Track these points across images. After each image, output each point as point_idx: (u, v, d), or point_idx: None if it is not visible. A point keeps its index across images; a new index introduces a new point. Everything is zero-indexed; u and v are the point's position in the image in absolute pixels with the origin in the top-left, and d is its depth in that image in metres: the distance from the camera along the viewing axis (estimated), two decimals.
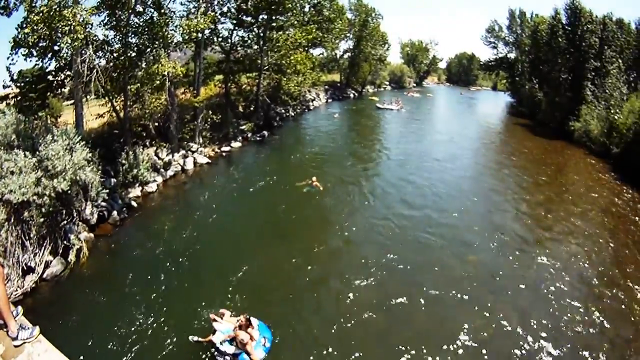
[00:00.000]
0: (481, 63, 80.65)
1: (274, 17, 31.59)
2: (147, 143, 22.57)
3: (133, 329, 10.07)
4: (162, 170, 21.70)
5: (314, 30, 34.35)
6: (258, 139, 31.25)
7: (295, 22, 34.54)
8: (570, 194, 20.35)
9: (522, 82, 52.95)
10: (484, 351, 9.44)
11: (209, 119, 26.42)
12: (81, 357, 8.85)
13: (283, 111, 40.30)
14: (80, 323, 10.23)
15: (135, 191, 19.07)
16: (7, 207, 11.95)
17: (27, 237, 12.27)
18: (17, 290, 11.24)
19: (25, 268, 11.88)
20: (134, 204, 18.11)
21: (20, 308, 4.91)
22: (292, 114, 42.61)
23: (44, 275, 12.24)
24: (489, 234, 15.55)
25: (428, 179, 21.88)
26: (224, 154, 27.05)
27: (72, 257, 13.20)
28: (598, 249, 14.78)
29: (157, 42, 19.83)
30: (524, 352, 9.50)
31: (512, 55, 61.10)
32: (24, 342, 4.43)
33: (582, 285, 12.35)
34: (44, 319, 9.45)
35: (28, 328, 4.57)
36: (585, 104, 34.29)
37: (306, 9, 42.92)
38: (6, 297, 4.54)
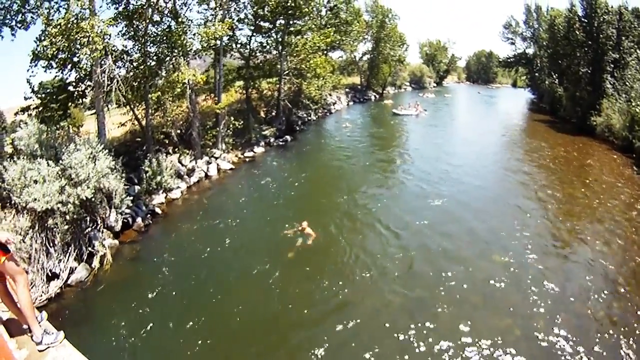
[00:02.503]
0: (500, 60, 79.16)
1: (291, 22, 31.22)
2: (170, 150, 22.41)
3: (156, 335, 9.82)
4: (185, 176, 21.48)
5: (331, 33, 33.67)
6: (281, 143, 30.78)
7: (313, 26, 34.16)
8: (594, 190, 19.15)
9: (541, 77, 51.29)
10: (508, 352, 8.89)
11: (231, 125, 26.13)
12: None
13: (305, 115, 39.64)
14: (103, 328, 10.04)
15: (159, 198, 18.90)
16: (31, 215, 12.04)
17: (51, 244, 12.25)
18: (41, 295, 11.15)
19: (49, 274, 11.83)
20: (158, 210, 17.95)
21: (44, 313, 4.88)
22: (314, 118, 41.95)
23: (69, 281, 12.16)
24: (513, 233, 14.74)
25: (448, 182, 20.93)
26: (247, 159, 26.72)
27: (96, 263, 13.15)
28: (623, 246, 13.79)
29: (176, 51, 19.72)
30: (546, 352, 8.91)
31: (530, 51, 59.44)
32: (48, 347, 4.42)
33: (607, 284, 11.47)
34: (68, 324, 9.75)
35: (52, 333, 4.57)
36: (605, 97, 32.66)
37: (323, 13, 42.53)
38: (31, 303, 4.54)
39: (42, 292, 11.31)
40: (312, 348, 9.22)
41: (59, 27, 15.87)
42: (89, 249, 13.36)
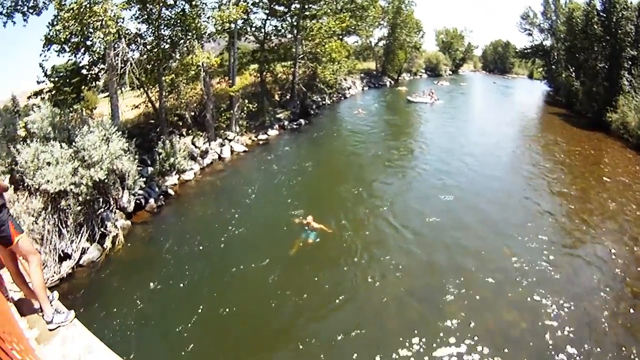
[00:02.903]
0: (516, 51, 77.70)
1: (306, 6, 30.85)
2: (184, 132, 22.40)
3: (165, 316, 9.85)
4: (199, 158, 21.45)
5: (347, 18, 33.27)
6: (295, 127, 30.59)
7: (329, 11, 33.48)
8: (607, 188, 18.64)
9: (558, 70, 49.98)
10: (514, 344, 8.79)
11: (245, 108, 25.98)
12: (114, 342, 8.52)
13: (319, 99, 39.23)
14: (114, 308, 10.06)
15: (173, 179, 18.91)
16: (44, 196, 12.14)
17: (64, 225, 12.34)
18: (53, 275, 11.21)
19: (62, 254, 11.90)
20: (171, 191, 17.98)
21: (56, 293, 4.85)
22: (329, 102, 41.50)
23: (81, 262, 12.25)
24: (525, 227, 14.42)
25: (462, 174, 20.33)
26: (261, 142, 26.61)
27: (108, 243, 13.20)
28: (633, 245, 13.42)
29: (190, 34, 19.60)
30: (550, 347, 8.79)
31: (547, 43, 57.92)
32: (59, 326, 4.41)
33: (615, 283, 11.24)
34: (79, 304, 9.85)
35: (63, 312, 4.55)
36: (622, 94, 31.59)
37: None
38: (43, 283, 4.51)
39: (54, 272, 11.38)
40: (317, 330, 9.32)
41: (71, 11, 15.80)
42: (102, 229, 13.41)
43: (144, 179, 16.35)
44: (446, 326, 9.37)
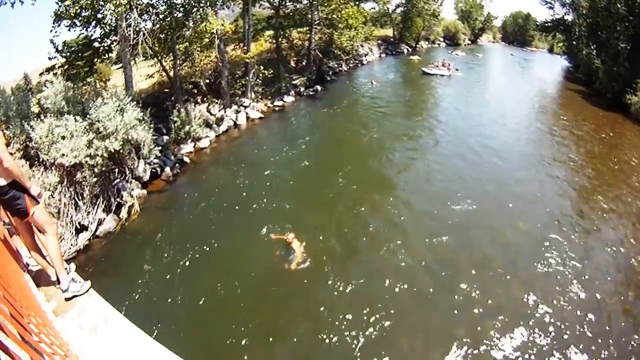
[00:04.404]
0: (537, 23, 74.29)
1: None
2: (199, 100, 22.13)
3: (180, 285, 9.86)
4: (214, 125, 21.24)
5: None
6: (311, 93, 29.94)
7: None
8: (623, 171, 17.71)
9: (579, 47, 47.22)
10: (521, 322, 8.69)
11: (261, 74, 25.48)
12: (131, 312, 8.60)
13: (336, 66, 38.22)
14: (130, 278, 10.12)
15: (188, 147, 18.81)
16: (59, 170, 12.08)
17: (80, 197, 12.39)
18: (70, 248, 11.26)
19: (78, 227, 11.92)
20: (186, 159, 17.93)
21: (73, 265, 4.73)
22: (345, 69, 40.40)
23: (97, 233, 12.30)
24: (538, 205, 14.01)
25: (478, 151, 19.39)
26: (276, 108, 26.21)
27: (124, 213, 13.29)
28: None
29: (203, 1, 19.06)
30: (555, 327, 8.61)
31: (569, 18, 55.06)
32: (75, 295, 4.39)
33: (626, 269, 10.89)
34: (96, 275, 9.95)
35: (79, 282, 4.51)
36: None
37: None
38: (59, 252, 4.50)
39: (71, 244, 11.44)
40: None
41: None
42: (118, 199, 13.46)
43: (160, 148, 16.21)
44: (457, 303, 9.33)
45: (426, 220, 12.76)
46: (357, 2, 37.97)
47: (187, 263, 10.63)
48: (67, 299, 4.36)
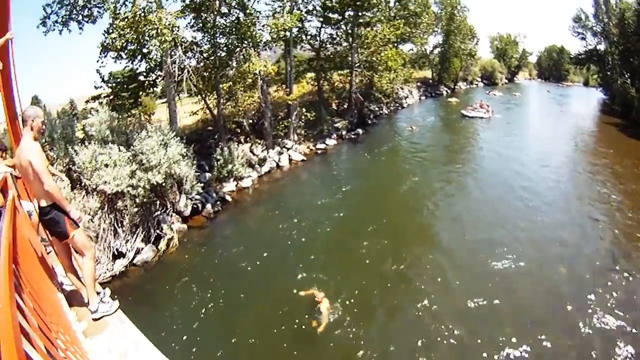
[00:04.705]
0: (571, 56, 72.30)
1: (360, 13, 29.82)
2: (242, 139, 22.05)
3: (211, 321, 9.74)
4: (257, 166, 21.00)
5: (401, 25, 31.75)
6: (352, 136, 29.37)
7: (382, 18, 32.40)
8: None
9: (613, 77, 44.90)
10: None
11: (303, 117, 25.29)
12: (160, 340, 7.78)
13: (377, 109, 37.83)
14: (163, 308, 10.18)
15: (230, 186, 18.67)
16: (100, 196, 12.33)
17: (119, 225, 12.57)
18: (106, 272, 11.49)
19: (116, 253, 12.13)
20: (228, 198, 17.73)
21: (107, 290, 4.80)
22: (386, 112, 39.88)
23: (134, 261, 12.41)
24: (581, 248, 12.84)
25: (519, 195, 17.73)
26: (318, 151, 25.71)
27: (163, 245, 13.45)
28: None
29: (246, 42, 19.22)
30: None
31: (601, 47, 52.94)
32: (103, 315, 4.42)
33: None
34: (130, 301, 10.04)
35: (108, 302, 4.56)
36: None
37: (391, 4, 40.52)
38: (94, 274, 4.55)
39: (107, 269, 11.61)
40: None
41: (126, 20, 15.84)
42: (157, 231, 13.47)
43: (202, 185, 16.20)
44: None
45: (467, 272, 11.66)
46: (396, 44, 37.93)
47: (219, 302, 10.46)
48: (95, 319, 4.39)
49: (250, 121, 23.05)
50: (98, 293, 4.57)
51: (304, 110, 25.41)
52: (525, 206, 16.34)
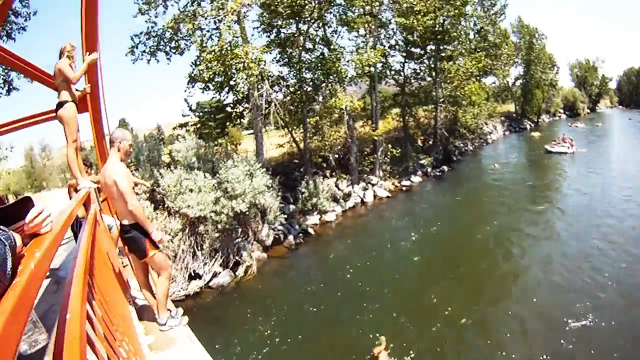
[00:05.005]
0: None
1: (441, 47, 29.21)
2: (327, 174, 21.91)
3: (281, 351, 9.46)
4: (341, 200, 20.61)
5: (482, 57, 30.36)
6: (437, 173, 28.08)
7: (463, 51, 31.66)
8: None
9: None
10: None
11: (389, 153, 24.61)
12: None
13: (461, 145, 36.14)
14: (234, 332, 10.20)
15: (313, 219, 18.48)
16: (183, 219, 12.74)
17: (199, 248, 12.97)
18: (180, 291, 11.92)
19: (192, 274, 12.55)
20: (311, 230, 17.54)
21: (180, 309, 4.75)
22: (471, 148, 38.01)
23: (210, 283, 12.77)
24: None
25: (607, 242, 14.93)
26: (403, 188, 24.72)
27: (240, 271, 13.50)
28: None
29: (331, 77, 19.38)
30: None
31: None
32: (170, 328, 4.39)
33: None
34: (201, 322, 10.07)
35: (177, 317, 4.55)
36: None
37: (471, 36, 39.04)
38: (167, 292, 4.53)
39: (182, 288, 12.11)
40: None
41: (213, 53, 16.24)
42: (236, 257, 13.72)
43: (285, 216, 16.23)
44: None
45: (548, 326, 10.11)
46: (479, 78, 36.38)
47: (287, 334, 10.17)
48: (162, 331, 4.34)
49: (337, 156, 22.93)
50: (169, 310, 4.57)
51: (389, 146, 24.82)
52: (613, 251, 14.14)
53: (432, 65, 29.72)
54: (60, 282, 4.19)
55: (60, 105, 5.19)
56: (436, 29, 26.41)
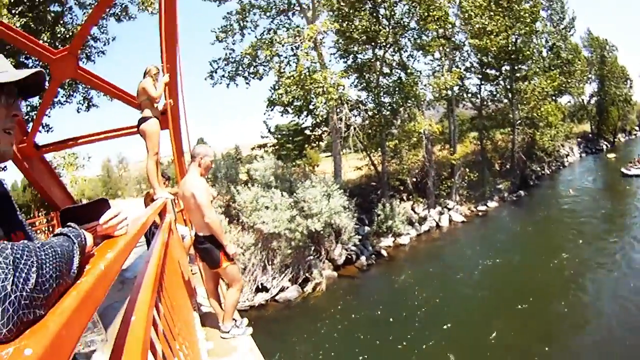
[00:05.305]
0: None
1: (516, 67, 28.45)
2: (404, 197, 21.63)
3: None
4: (416, 224, 20.34)
5: (557, 75, 29.26)
6: (514, 199, 26.84)
7: (538, 69, 30.41)
8: None
9: None
10: None
11: (466, 177, 24.05)
12: None
13: (538, 169, 34.32)
14: (296, 347, 10.24)
15: (387, 241, 18.40)
16: (257, 234, 13.18)
17: (270, 262, 13.33)
18: (245, 301, 12.25)
19: (260, 287, 12.93)
20: (383, 253, 17.57)
21: (245, 320, 4.65)
22: (548, 172, 35.85)
23: (276, 297, 13.07)
24: None
25: None
26: (479, 213, 23.88)
27: (309, 288, 13.95)
28: None
29: (409, 101, 19.40)
30: None
31: None
32: (233, 336, 4.34)
33: None
34: (263, 333, 9.79)
35: (242, 327, 4.48)
36: None
37: (544, 54, 37.37)
38: (236, 302, 4.51)
39: (247, 299, 12.50)
40: None
41: (292, 78, 16.72)
42: (306, 274, 13.95)
43: (359, 237, 16.39)
44: None
45: None
46: (554, 97, 34.51)
47: (347, 354, 10.10)
48: (223, 338, 4.32)
49: (414, 179, 22.74)
50: (235, 320, 4.51)
51: (467, 170, 24.27)
52: None
53: (508, 87, 28.94)
54: (125, 282, 4.59)
55: (143, 120, 5.44)
56: (509, 48, 25.83)
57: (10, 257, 0.67)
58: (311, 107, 18.68)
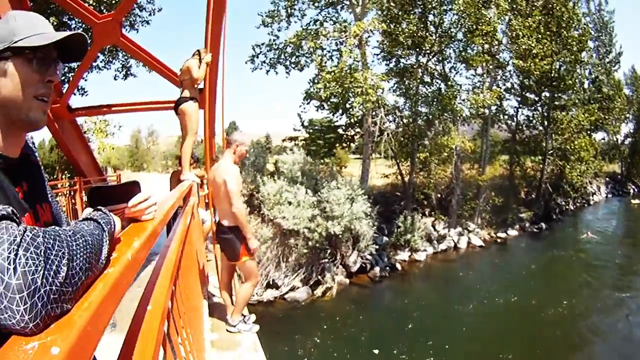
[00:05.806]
0: None
1: (556, 95, 27.62)
2: (427, 212, 21.24)
3: None
4: (434, 241, 19.84)
5: (595, 110, 28.82)
6: (535, 230, 25.84)
7: (577, 101, 29.68)
8: None
9: None
10: None
11: (491, 200, 23.44)
12: None
13: (563, 203, 33.17)
14: (299, 348, 10.24)
15: (403, 255, 18.07)
16: (276, 228, 13.11)
17: (284, 259, 13.20)
18: (254, 296, 11.87)
19: (270, 283, 12.89)
20: (398, 266, 17.27)
21: (253, 316, 4.68)
22: (572, 208, 34.53)
23: (285, 296, 13.01)
24: None
25: None
26: (498, 240, 23.11)
27: (319, 291, 13.65)
28: None
29: (446, 114, 18.92)
30: None
31: None
32: (239, 331, 4.37)
33: None
34: (266, 329, 9.18)
35: (249, 324, 4.50)
36: None
37: (585, 86, 36.20)
38: (248, 298, 4.55)
39: (257, 293, 12.29)
40: None
41: (332, 73, 16.41)
42: (319, 277, 13.87)
43: (377, 246, 16.10)
44: None
45: None
46: (589, 132, 33.52)
47: None
48: (229, 331, 4.35)
49: (439, 195, 22.27)
50: (243, 315, 4.54)
51: (492, 193, 23.67)
52: None
53: (545, 114, 28.14)
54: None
55: (183, 100, 5.37)
56: (552, 74, 25.12)
57: (41, 247, 0.64)
58: (347, 105, 18.53)
